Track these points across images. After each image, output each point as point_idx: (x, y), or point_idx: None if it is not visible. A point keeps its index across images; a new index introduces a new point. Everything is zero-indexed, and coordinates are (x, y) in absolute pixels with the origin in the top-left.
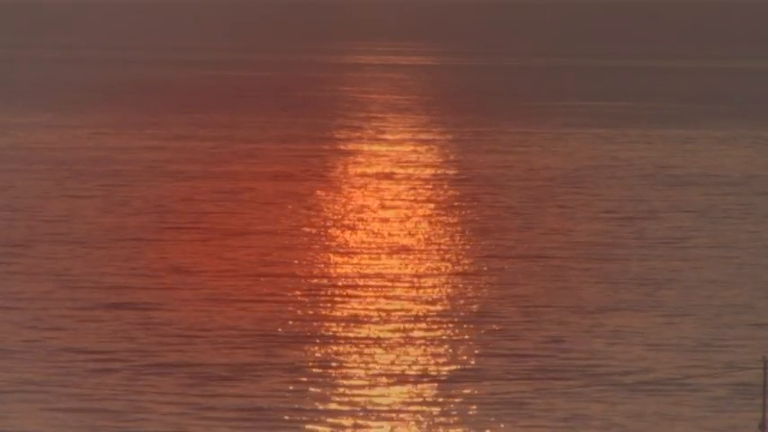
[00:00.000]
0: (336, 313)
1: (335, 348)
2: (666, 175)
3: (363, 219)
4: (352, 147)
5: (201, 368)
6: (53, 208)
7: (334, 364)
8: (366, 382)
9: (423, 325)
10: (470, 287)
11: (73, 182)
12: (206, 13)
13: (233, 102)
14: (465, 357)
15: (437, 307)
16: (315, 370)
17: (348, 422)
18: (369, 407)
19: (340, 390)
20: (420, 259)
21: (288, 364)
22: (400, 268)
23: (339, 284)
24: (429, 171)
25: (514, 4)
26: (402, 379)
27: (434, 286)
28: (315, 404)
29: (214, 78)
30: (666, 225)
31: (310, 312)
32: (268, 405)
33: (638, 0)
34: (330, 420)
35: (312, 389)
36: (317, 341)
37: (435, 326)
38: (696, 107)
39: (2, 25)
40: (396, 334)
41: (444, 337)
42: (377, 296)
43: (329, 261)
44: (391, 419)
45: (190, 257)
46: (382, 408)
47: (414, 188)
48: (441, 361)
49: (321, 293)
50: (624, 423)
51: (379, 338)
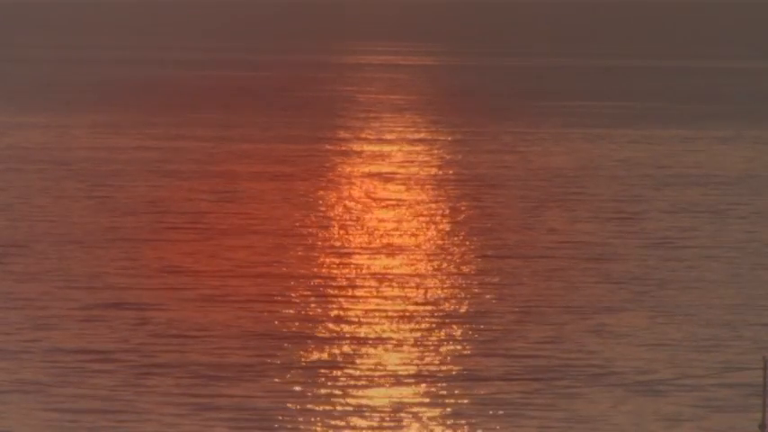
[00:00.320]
0: (336, 313)
1: (335, 348)
2: (666, 175)
3: (363, 219)
4: (352, 147)
5: (201, 368)
6: (51, 208)
7: (333, 364)
8: (365, 383)
9: (422, 325)
10: (470, 287)
11: (71, 182)
12: (206, 13)
13: (232, 101)
14: (464, 357)
15: (437, 307)
16: (314, 370)
17: (347, 422)
18: (368, 407)
19: (339, 390)
20: (420, 259)
21: (287, 364)
22: (400, 268)
23: (338, 284)
24: (429, 171)
25: (514, 4)
26: (401, 379)
27: (434, 286)
28: (314, 404)
29: (214, 78)
30: (666, 225)
31: (310, 312)
32: (267, 405)
33: (638, 0)
34: (329, 420)
35: (312, 389)
36: (317, 341)
37: (435, 326)
38: (696, 107)
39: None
40: (395, 334)
41: (444, 337)
42: (377, 296)
43: (328, 261)
44: (391, 419)
45: (188, 257)
46: (382, 408)
47: (414, 188)
48: (440, 361)
49: (321, 293)
50: (624, 423)
51: (378, 338)
